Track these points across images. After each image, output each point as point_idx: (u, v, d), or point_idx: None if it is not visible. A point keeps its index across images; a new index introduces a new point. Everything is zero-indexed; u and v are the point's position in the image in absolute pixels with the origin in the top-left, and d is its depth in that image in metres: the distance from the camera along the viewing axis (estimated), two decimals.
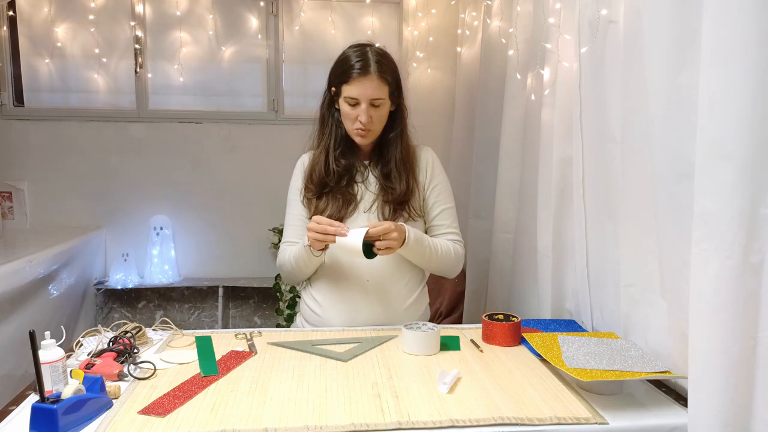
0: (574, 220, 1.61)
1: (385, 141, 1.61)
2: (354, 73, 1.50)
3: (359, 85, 1.50)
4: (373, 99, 1.51)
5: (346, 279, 1.60)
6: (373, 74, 1.50)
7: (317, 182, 1.61)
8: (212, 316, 3.37)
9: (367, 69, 1.50)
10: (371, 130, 1.55)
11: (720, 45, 0.92)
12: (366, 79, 1.50)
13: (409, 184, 1.61)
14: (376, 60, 1.52)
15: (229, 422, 1.03)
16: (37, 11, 3.12)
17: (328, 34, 3.25)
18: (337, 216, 1.57)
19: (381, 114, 1.55)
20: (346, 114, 1.55)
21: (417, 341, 1.38)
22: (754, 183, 0.92)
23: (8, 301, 2.19)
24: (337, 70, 1.55)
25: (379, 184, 1.62)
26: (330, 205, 1.59)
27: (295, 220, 1.66)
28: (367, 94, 1.51)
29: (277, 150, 3.17)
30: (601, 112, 1.46)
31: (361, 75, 1.50)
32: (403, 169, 1.61)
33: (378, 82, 1.51)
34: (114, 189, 3.21)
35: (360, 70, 1.50)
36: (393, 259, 1.58)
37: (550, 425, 1.03)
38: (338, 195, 1.60)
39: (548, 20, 1.72)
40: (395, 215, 1.59)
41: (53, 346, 1.13)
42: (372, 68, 1.50)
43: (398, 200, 1.59)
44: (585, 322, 1.59)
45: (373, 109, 1.53)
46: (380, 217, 1.59)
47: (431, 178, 1.66)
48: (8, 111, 3.16)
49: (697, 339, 0.98)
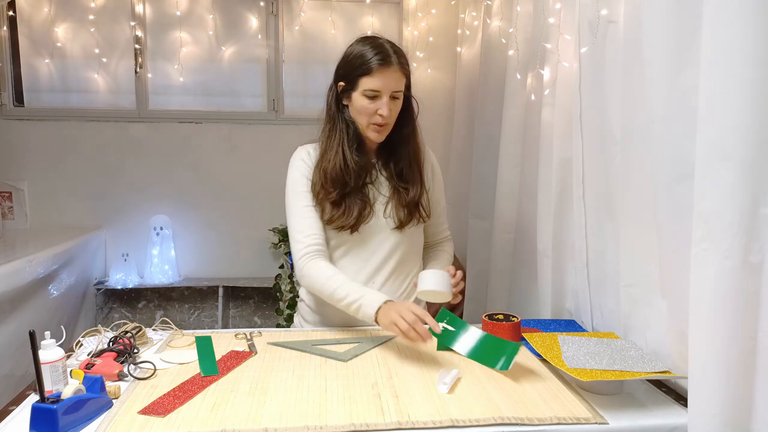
0: (574, 220, 1.61)
1: (397, 138, 1.57)
2: (375, 65, 1.46)
3: (381, 77, 1.46)
4: (395, 91, 1.48)
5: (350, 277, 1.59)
6: (395, 65, 1.47)
7: (335, 183, 1.51)
8: (212, 316, 3.37)
9: (388, 60, 1.46)
10: (388, 123, 1.52)
11: (720, 45, 0.92)
12: (389, 71, 1.46)
13: (423, 184, 1.59)
14: (395, 51, 1.49)
15: (229, 422, 1.03)
16: (37, 11, 3.12)
17: (328, 34, 3.25)
18: (353, 225, 1.52)
19: (398, 107, 1.52)
20: (362, 108, 1.49)
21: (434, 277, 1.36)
22: (754, 183, 0.92)
23: (8, 301, 2.20)
24: (353, 63, 1.49)
25: (390, 184, 1.58)
26: (347, 212, 1.52)
27: (308, 211, 1.53)
28: (389, 86, 1.47)
29: (277, 150, 3.13)
30: (601, 112, 1.46)
31: (383, 66, 1.46)
32: (416, 169, 1.59)
33: (399, 73, 1.48)
34: (114, 189, 3.22)
35: (381, 62, 1.46)
36: (393, 258, 1.58)
37: (550, 425, 1.03)
38: (357, 199, 1.53)
39: (548, 20, 1.72)
40: (410, 218, 1.57)
41: (53, 346, 1.13)
42: (393, 59, 1.47)
43: (413, 202, 1.57)
44: (585, 322, 1.59)
45: (393, 102, 1.49)
46: (395, 221, 1.56)
47: (433, 177, 1.66)
48: (8, 111, 3.16)
49: (697, 339, 0.98)
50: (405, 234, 1.59)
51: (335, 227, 1.53)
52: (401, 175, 1.58)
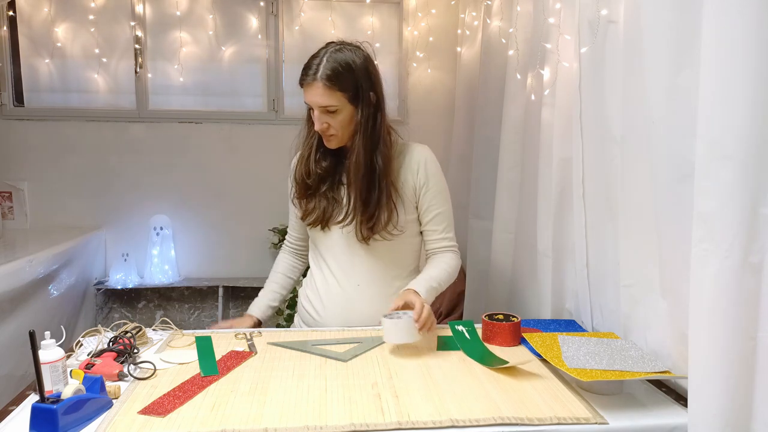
0: (574, 220, 1.61)
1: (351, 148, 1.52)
2: (301, 79, 1.47)
3: (308, 92, 1.46)
4: (323, 106, 1.45)
5: (338, 281, 1.60)
6: (318, 81, 1.43)
7: (300, 184, 1.59)
8: (212, 316, 3.37)
9: (313, 76, 1.44)
10: (334, 134, 1.50)
11: (720, 45, 0.92)
12: (311, 87, 1.45)
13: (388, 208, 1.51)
14: (331, 66, 1.43)
15: (229, 422, 1.03)
16: (37, 11, 3.12)
17: (328, 34, 3.24)
18: (322, 218, 1.56)
19: (340, 120, 1.47)
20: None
21: (395, 329, 1.34)
22: (754, 183, 0.92)
23: (8, 301, 2.19)
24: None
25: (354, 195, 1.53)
26: (316, 208, 1.57)
27: (292, 220, 1.72)
28: (315, 101, 1.45)
29: (277, 150, 3.13)
30: (601, 112, 1.46)
31: (306, 82, 1.46)
32: (355, 185, 1.51)
33: (322, 89, 1.43)
34: (114, 189, 3.21)
35: (304, 78, 1.46)
36: (386, 260, 1.58)
37: (550, 425, 1.03)
38: (323, 199, 1.57)
39: (548, 20, 1.72)
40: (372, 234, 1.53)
41: (53, 346, 1.13)
42: (319, 74, 1.43)
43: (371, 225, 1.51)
44: (585, 322, 1.59)
45: (329, 116, 1.46)
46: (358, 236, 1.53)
47: (425, 180, 1.56)
48: (8, 111, 3.16)
49: (697, 339, 0.98)
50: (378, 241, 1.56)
51: (308, 224, 1.62)
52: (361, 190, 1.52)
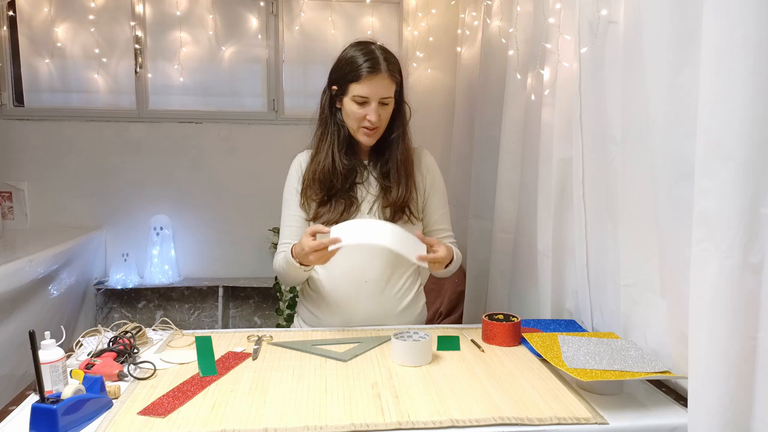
0: (574, 220, 1.61)
1: (387, 141, 1.60)
2: (364, 72, 1.49)
3: (370, 84, 1.49)
4: (383, 98, 1.51)
5: (342, 281, 1.60)
6: (383, 72, 1.49)
7: (322, 184, 1.58)
8: (212, 316, 3.37)
9: (377, 67, 1.49)
10: (378, 128, 1.55)
11: (720, 45, 0.92)
12: (377, 78, 1.49)
13: (408, 187, 1.60)
14: (385, 58, 1.51)
15: (229, 422, 1.03)
16: (37, 11, 3.12)
17: (328, 34, 3.25)
18: (337, 220, 1.55)
19: (388, 113, 1.55)
20: (352, 113, 1.53)
21: (409, 352, 1.30)
22: (754, 183, 0.92)
23: (8, 301, 2.20)
24: (344, 69, 1.53)
25: (378, 185, 1.61)
26: (332, 209, 1.57)
27: (293, 221, 1.64)
28: (378, 93, 1.50)
29: (277, 150, 3.16)
30: (601, 112, 1.46)
31: (372, 73, 1.49)
32: (403, 171, 1.60)
33: (388, 80, 1.51)
34: (114, 189, 3.21)
35: (370, 69, 1.49)
36: (390, 259, 1.58)
37: (550, 425, 1.03)
38: (341, 199, 1.58)
39: (548, 20, 1.71)
40: (394, 218, 1.58)
41: (53, 346, 1.13)
42: (382, 66, 1.49)
43: (397, 203, 1.58)
44: (585, 322, 1.59)
45: (382, 108, 1.53)
46: (380, 219, 1.57)
47: (431, 183, 1.66)
48: (8, 111, 3.16)
49: (697, 339, 0.98)
50: None
51: (322, 222, 1.57)
52: (388, 175, 1.60)
